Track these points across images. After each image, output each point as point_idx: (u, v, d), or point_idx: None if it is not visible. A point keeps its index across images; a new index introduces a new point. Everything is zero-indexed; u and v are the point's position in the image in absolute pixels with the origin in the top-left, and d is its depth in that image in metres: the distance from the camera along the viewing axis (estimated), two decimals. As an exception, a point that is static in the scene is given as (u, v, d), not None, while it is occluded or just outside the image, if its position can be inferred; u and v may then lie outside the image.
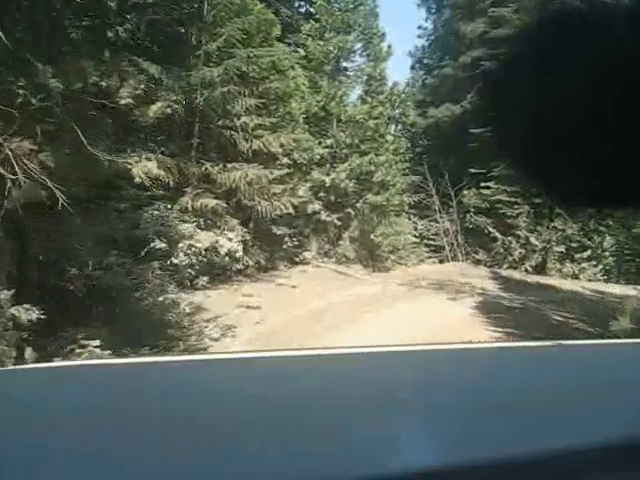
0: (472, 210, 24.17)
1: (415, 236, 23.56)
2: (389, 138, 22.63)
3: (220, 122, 15.37)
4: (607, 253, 23.07)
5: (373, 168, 20.11)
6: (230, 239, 13.88)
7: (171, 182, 13.14)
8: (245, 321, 11.80)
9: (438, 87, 26.81)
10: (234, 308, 12.58)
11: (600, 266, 22.89)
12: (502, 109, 0.59)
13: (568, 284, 20.58)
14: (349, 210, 20.17)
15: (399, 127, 26.15)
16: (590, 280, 22.15)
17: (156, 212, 12.23)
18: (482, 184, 23.87)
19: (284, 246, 17.78)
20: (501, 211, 23.77)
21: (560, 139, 0.55)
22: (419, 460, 0.94)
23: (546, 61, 0.54)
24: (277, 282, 15.95)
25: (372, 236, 19.95)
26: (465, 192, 24.32)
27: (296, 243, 18.41)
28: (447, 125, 26.29)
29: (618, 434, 0.99)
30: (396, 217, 21.57)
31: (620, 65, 0.51)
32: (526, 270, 22.92)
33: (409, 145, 24.86)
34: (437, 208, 24.83)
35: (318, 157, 19.54)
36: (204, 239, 13.20)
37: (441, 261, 24.31)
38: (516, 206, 23.18)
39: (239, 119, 15.09)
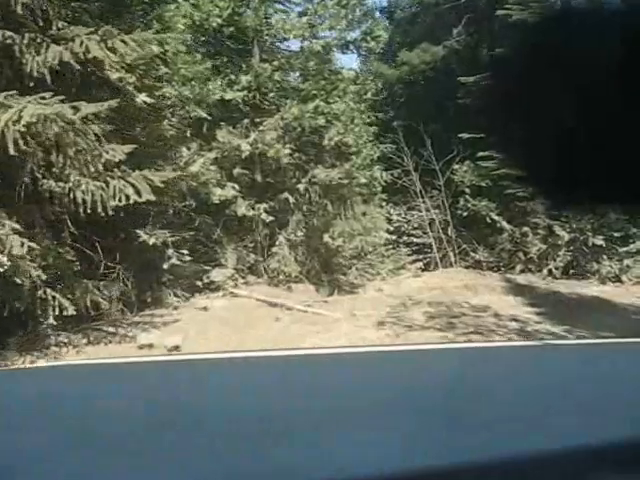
0: (467, 191, 17.10)
1: (389, 231, 16.37)
2: (348, 74, 14.91)
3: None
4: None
5: (323, 123, 12.67)
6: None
7: None
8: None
9: (411, 22, 19.48)
10: None
11: (649, 262, 16.10)
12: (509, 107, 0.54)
13: (625, 293, 13.85)
14: (286, 196, 12.75)
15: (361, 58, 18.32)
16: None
17: None
18: (480, 153, 16.82)
19: (166, 264, 10.21)
20: (509, 191, 16.75)
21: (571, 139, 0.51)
22: (417, 460, 0.92)
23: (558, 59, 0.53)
24: (140, 341, 8.58)
25: (326, 237, 12.57)
26: (456, 166, 17.26)
27: (191, 257, 10.73)
28: (426, 74, 19.17)
29: (616, 434, 0.98)
30: (364, 204, 14.13)
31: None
32: (550, 273, 16.01)
33: (373, 100, 17.29)
34: (418, 190, 17.65)
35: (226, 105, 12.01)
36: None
37: (427, 265, 17.20)
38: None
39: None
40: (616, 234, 15.84)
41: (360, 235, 12.65)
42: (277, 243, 12.47)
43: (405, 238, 17.21)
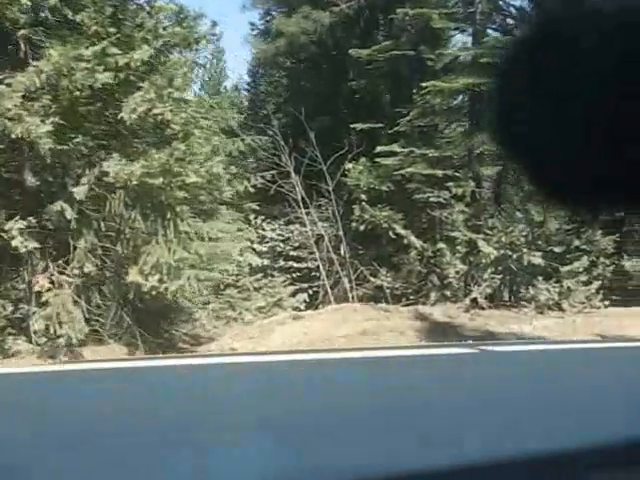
0: (363, 198, 12.95)
1: (261, 254, 11.96)
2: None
3: None
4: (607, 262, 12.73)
5: (110, 79, 7.62)
6: None
7: None
8: None
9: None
10: None
11: (596, 283, 12.45)
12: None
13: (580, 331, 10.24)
14: (60, 207, 7.64)
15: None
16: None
17: None
18: (379, 148, 12.79)
19: None
20: (418, 196, 12.81)
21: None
22: (417, 460, 0.92)
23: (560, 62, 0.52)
24: None
25: (133, 273, 7.76)
26: (350, 165, 13.06)
27: None
28: (309, 48, 15.01)
29: (616, 434, 0.99)
30: (210, 218, 9.42)
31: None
32: (474, 302, 12.06)
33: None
34: (299, 198, 13.29)
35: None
36: None
37: (314, 297, 12.90)
38: (451, 184, 12.20)
39: None
40: (557, 249, 12.08)
41: (193, 268, 8.05)
42: (48, 285, 7.62)
43: (282, 262, 12.79)
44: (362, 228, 12.97)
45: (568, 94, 0.51)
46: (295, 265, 12.80)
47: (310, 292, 12.73)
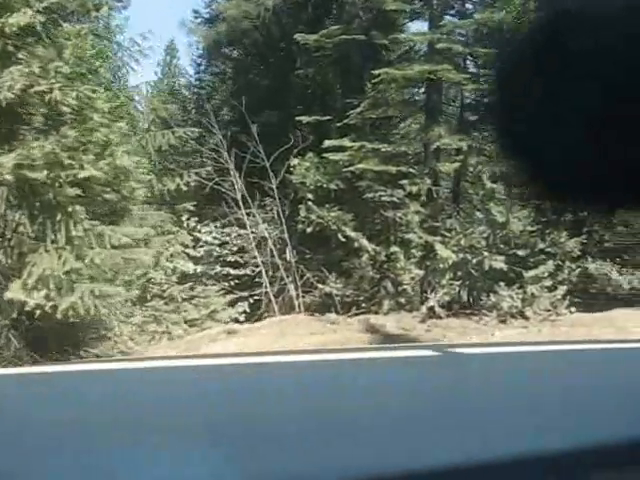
0: (310, 197, 11.78)
1: (196, 259, 10.69)
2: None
3: None
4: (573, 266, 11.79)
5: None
6: None
7: None
8: None
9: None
10: None
11: (561, 288, 11.46)
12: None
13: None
14: None
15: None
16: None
17: None
18: (327, 142, 11.63)
19: None
20: (369, 195, 11.65)
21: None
22: (417, 460, 0.91)
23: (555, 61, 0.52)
24: None
25: (15, 288, 6.37)
26: (296, 161, 11.87)
27: None
28: (252, 34, 13.84)
29: (616, 434, 0.99)
30: (120, 220, 8.09)
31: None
32: (431, 311, 10.98)
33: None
34: (239, 197, 12.02)
35: None
36: None
37: (256, 307, 11.68)
38: (405, 181, 11.10)
39: None
40: (520, 252, 11.06)
41: (93, 281, 6.70)
42: None
43: (219, 268, 11.48)
44: (309, 230, 11.79)
45: (569, 94, 0.51)
46: (232, 272, 11.50)
47: (251, 301, 11.46)
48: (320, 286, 12.09)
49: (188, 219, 11.13)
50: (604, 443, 0.93)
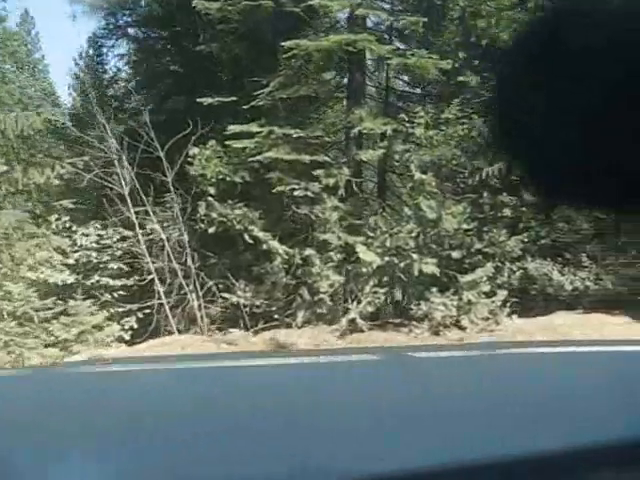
0: (212, 191, 10.03)
1: (70, 267, 8.81)
2: None
3: None
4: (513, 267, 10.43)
5: None
6: None
7: None
8: None
9: None
10: None
11: (501, 294, 10.02)
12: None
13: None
14: None
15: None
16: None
17: None
18: (231, 128, 9.89)
19: None
20: (280, 188, 9.94)
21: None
22: (417, 460, 0.91)
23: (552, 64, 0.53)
24: None
25: None
26: (196, 150, 10.10)
27: None
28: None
29: (616, 434, 0.98)
30: None
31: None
32: (352, 324, 9.40)
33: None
34: (126, 193, 10.12)
35: None
36: None
37: (147, 324, 9.85)
38: (319, 172, 9.47)
39: None
40: (454, 254, 9.57)
41: None
42: None
43: (97, 278, 9.55)
44: (212, 230, 10.04)
45: (570, 94, 0.51)
46: (115, 282, 9.58)
47: (140, 315, 9.60)
48: (226, 295, 10.35)
49: (58, 219, 9.19)
50: (603, 443, 0.91)
